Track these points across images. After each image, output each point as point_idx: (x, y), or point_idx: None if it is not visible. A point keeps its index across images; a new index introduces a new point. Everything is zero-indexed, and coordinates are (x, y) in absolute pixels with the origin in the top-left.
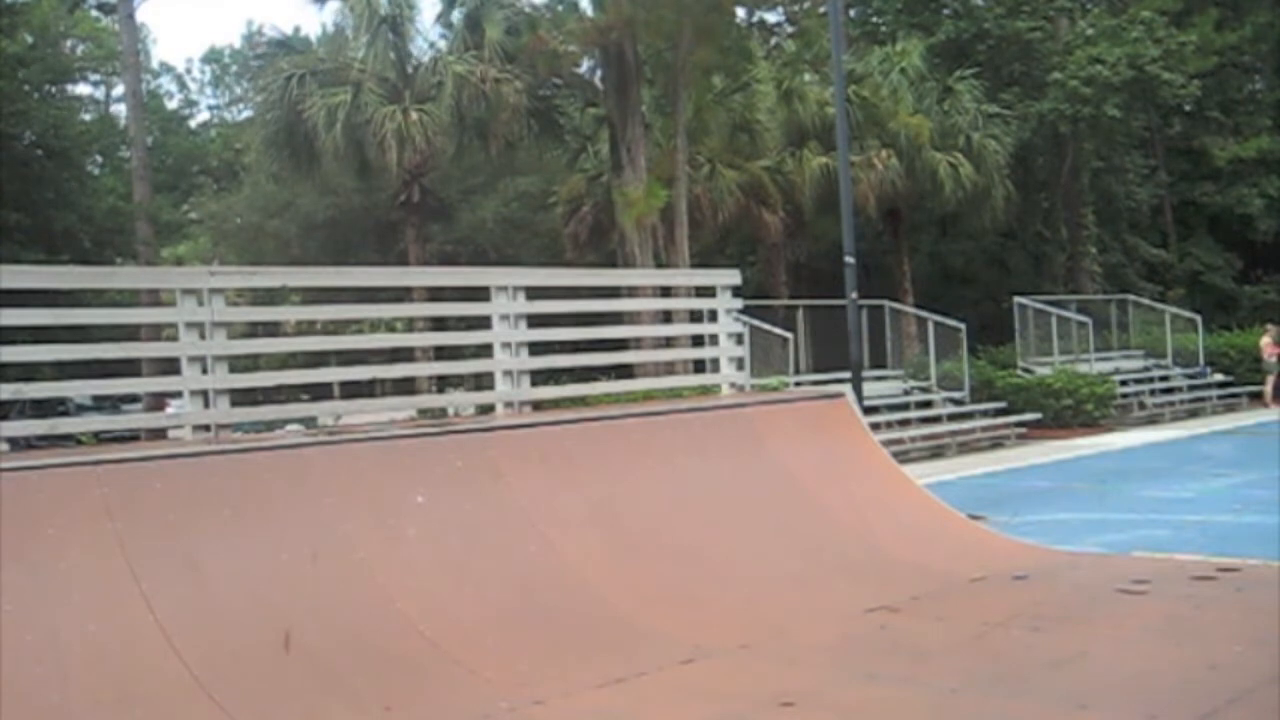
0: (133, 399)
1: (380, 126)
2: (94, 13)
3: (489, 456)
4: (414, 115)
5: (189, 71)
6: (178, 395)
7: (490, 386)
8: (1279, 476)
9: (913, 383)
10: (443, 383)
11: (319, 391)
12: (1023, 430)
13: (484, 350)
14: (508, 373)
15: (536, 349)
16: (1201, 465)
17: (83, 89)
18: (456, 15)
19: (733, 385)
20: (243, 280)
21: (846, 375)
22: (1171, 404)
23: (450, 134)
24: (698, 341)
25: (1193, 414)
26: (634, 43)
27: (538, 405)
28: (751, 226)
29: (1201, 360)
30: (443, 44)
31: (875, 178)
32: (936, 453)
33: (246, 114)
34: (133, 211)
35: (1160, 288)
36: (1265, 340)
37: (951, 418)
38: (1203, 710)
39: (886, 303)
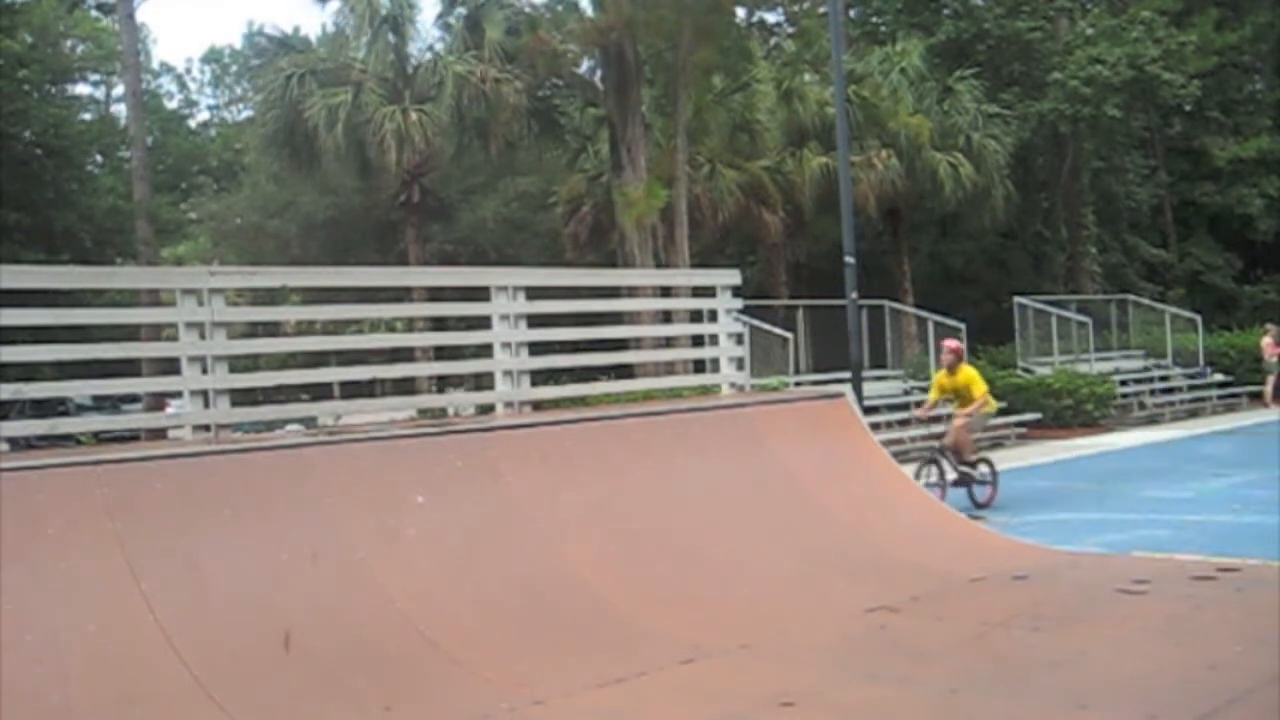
0: (133, 399)
1: (380, 126)
2: (94, 13)
3: (489, 456)
4: (414, 115)
5: (189, 71)
6: (178, 395)
7: (490, 386)
8: (1279, 476)
9: (913, 383)
10: (443, 383)
11: (319, 391)
12: (1023, 430)
13: (484, 350)
14: (508, 373)
15: (536, 349)
16: (1201, 465)
17: (83, 89)
18: (456, 15)
19: (733, 385)
20: (243, 280)
21: (846, 375)
22: (1171, 404)
23: (450, 134)
24: (698, 341)
25: (1193, 414)
26: (634, 43)
27: (538, 405)
28: (751, 226)
29: (1201, 360)
30: (442, 45)
31: (875, 178)
32: None
33: (246, 114)
34: (133, 211)
35: (1160, 288)
36: (1265, 340)
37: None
38: (1203, 710)
39: (886, 303)
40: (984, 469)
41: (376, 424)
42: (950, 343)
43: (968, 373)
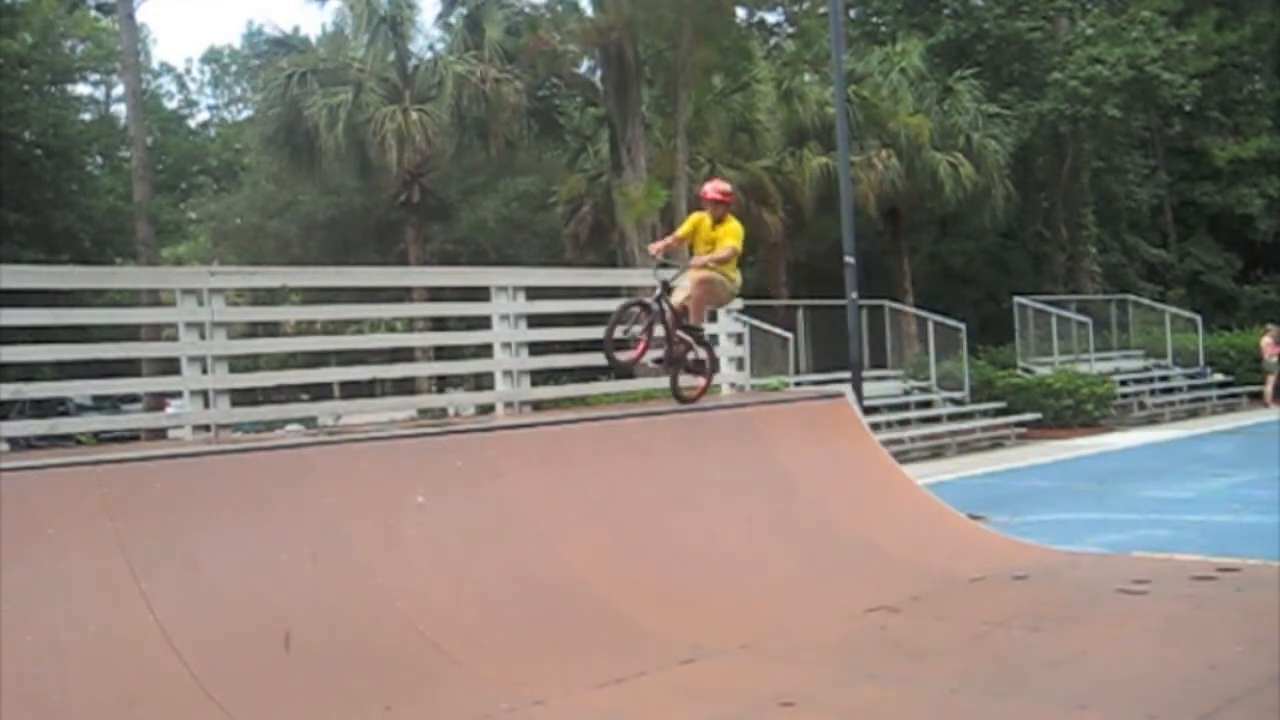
0: (133, 399)
1: (380, 126)
2: (94, 13)
3: (489, 456)
4: (414, 115)
5: (189, 71)
6: (178, 395)
7: (490, 386)
8: (1279, 476)
9: (913, 383)
10: (443, 383)
11: (319, 391)
12: (1023, 430)
13: (484, 350)
14: (508, 373)
15: (536, 349)
16: (1201, 465)
17: (83, 89)
18: (456, 15)
19: (733, 385)
20: (243, 280)
21: (846, 375)
22: (1171, 404)
23: (450, 134)
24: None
25: (1193, 414)
26: (634, 43)
27: (538, 405)
28: (751, 226)
29: (1201, 360)
30: (442, 44)
31: (875, 178)
32: (936, 453)
33: (246, 114)
34: (133, 211)
35: (1160, 288)
36: (1265, 340)
37: (951, 418)
38: (1203, 710)
39: (886, 303)
40: (701, 352)
41: (376, 424)
42: (711, 190)
43: (734, 227)
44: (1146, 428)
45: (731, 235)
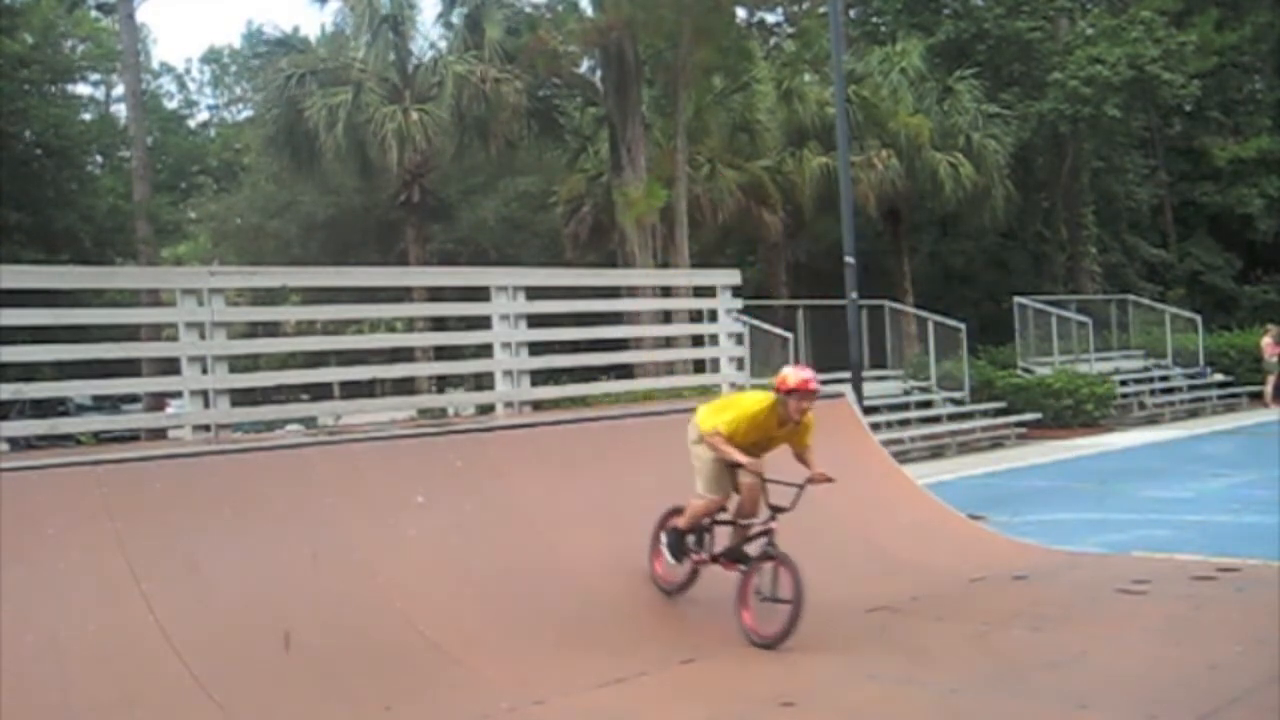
0: (133, 399)
1: (381, 126)
2: (94, 13)
3: (489, 456)
4: (414, 115)
5: (189, 71)
6: (178, 395)
7: (490, 386)
8: (1279, 476)
9: (913, 383)
10: (443, 383)
11: (319, 391)
12: (1023, 430)
13: (484, 350)
14: (508, 373)
15: (536, 349)
16: (1201, 465)
17: (83, 89)
18: (456, 15)
19: (733, 385)
20: (243, 280)
21: (846, 375)
22: (1171, 404)
23: (450, 134)
24: (697, 341)
25: (1193, 414)
26: (634, 43)
27: (538, 405)
28: (751, 226)
29: (1201, 360)
30: (443, 44)
31: (875, 178)
32: (936, 453)
33: (246, 114)
34: (133, 211)
35: (1160, 288)
36: (1265, 340)
37: (951, 418)
38: (1203, 710)
39: (886, 303)
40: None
41: (376, 424)
42: (804, 381)
43: (810, 418)
44: (1146, 428)
45: (810, 432)
